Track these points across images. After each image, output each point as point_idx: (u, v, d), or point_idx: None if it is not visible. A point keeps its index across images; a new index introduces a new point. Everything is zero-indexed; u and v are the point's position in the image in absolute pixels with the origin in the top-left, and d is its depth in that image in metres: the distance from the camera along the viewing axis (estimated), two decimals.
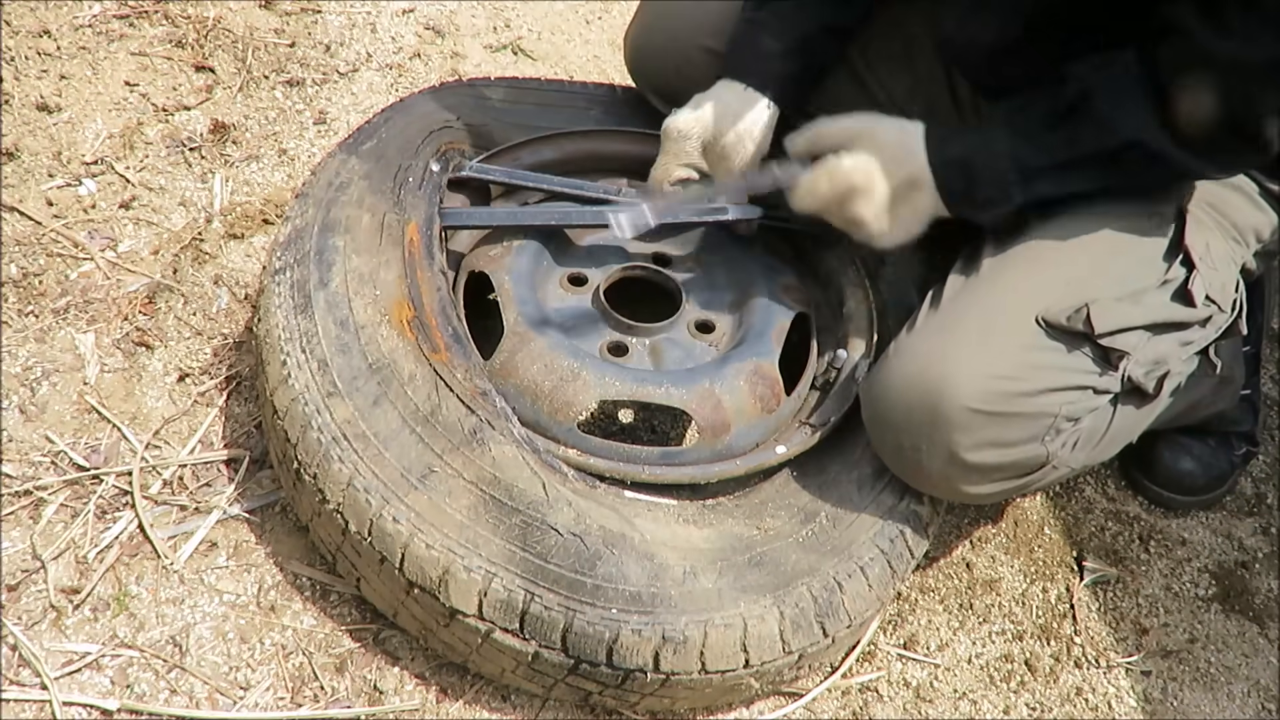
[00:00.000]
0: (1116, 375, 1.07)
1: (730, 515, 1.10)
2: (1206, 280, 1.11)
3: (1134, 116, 1.01)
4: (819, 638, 1.04)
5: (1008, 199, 1.07)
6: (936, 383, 1.03)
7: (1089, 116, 1.03)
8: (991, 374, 1.02)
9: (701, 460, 1.13)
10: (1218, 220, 1.15)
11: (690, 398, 1.13)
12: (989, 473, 1.07)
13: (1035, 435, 1.05)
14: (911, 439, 1.06)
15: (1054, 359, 1.05)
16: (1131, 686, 1.29)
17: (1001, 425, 1.03)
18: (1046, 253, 1.11)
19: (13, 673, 1.02)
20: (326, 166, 1.22)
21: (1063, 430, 1.06)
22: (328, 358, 1.04)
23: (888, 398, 1.07)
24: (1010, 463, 1.07)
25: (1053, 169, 1.06)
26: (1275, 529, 1.50)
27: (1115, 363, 1.06)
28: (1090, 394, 1.07)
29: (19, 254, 1.34)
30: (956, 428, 1.02)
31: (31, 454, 1.17)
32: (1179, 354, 1.11)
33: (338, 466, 0.99)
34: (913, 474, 1.10)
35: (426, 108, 1.32)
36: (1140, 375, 1.07)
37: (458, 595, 0.96)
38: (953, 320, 1.08)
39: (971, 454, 1.04)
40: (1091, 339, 1.05)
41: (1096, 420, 1.10)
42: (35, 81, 1.54)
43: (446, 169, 1.23)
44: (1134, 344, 1.07)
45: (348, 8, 1.80)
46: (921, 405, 1.04)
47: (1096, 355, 1.06)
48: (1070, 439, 1.08)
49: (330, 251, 1.12)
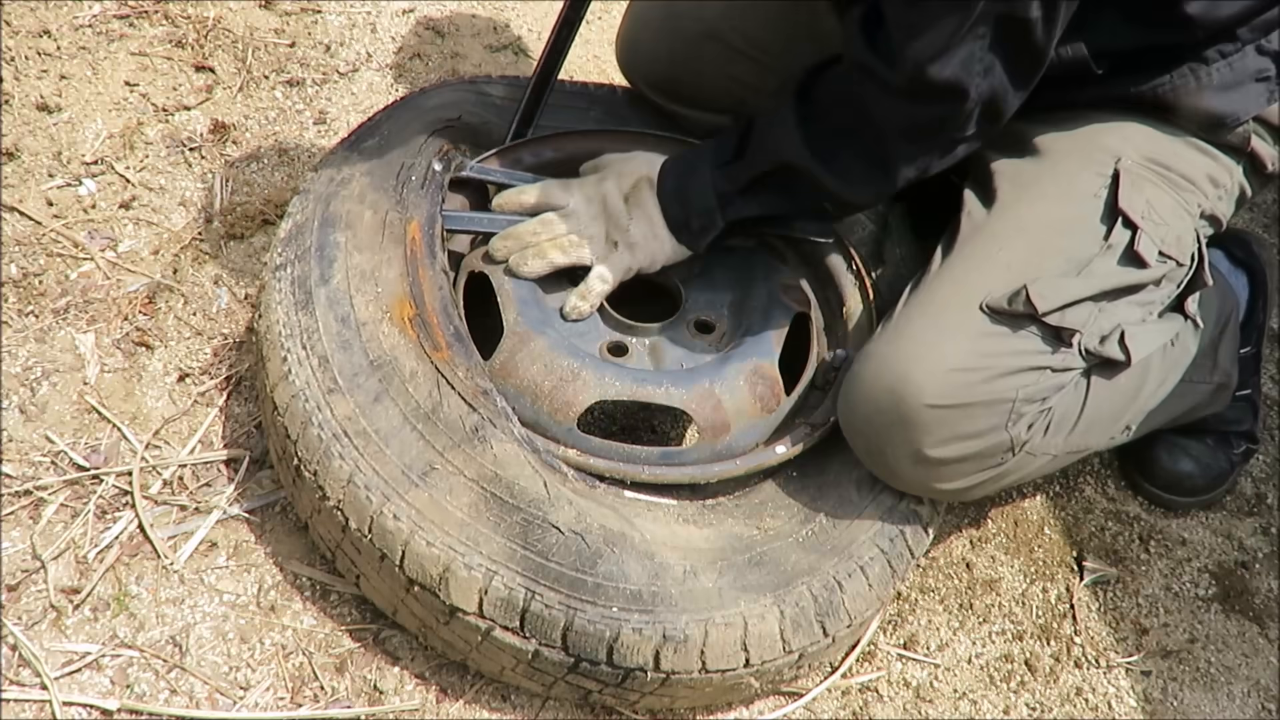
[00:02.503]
0: (1073, 351, 1.08)
1: (730, 515, 1.10)
2: (1156, 237, 1.12)
3: (782, 141, 1.10)
4: (819, 637, 1.04)
5: (714, 224, 1.15)
6: (895, 384, 1.04)
7: (752, 141, 1.13)
8: (945, 368, 1.04)
9: (701, 460, 1.13)
10: (1160, 173, 1.15)
11: (690, 398, 1.13)
12: (958, 465, 1.08)
13: (997, 423, 1.06)
14: (878, 442, 1.08)
15: (1003, 344, 1.06)
16: (1131, 686, 1.29)
17: (961, 417, 1.05)
18: (988, 240, 1.13)
19: (13, 673, 1.02)
20: (328, 163, 1.22)
21: (1025, 414, 1.07)
22: (329, 354, 1.04)
23: (853, 404, 1.09)
24: (976, 453, 1.08)
25: (739, 193, 1.14)
26: (1275, 529, 1.50)
27: (1067, 339, 1.07)
28: (1048, 374, 1.07)
29: (19, 254, 1.34)
30: (918, 426, 1.04)
31: (31, 454, 1.17)
32: (1137, 314, 1.12)
33: (338, 463, 0.99)
34: (887, 475, 1.12)
35: (428, 105, 1.32)
36: (1097, 345, 1.08)
37: (458, 593, 0.96)
38: (905, 321, 1.10)
39: (936, 449, 1.05)
40: (1037, 319, 1.06)
41: (1068, 400, 1.11)
42: (35, 81, 1.54)
43: (449, 168, 1.23)
44: (1084, 318, 1.08)
45: (348, 8, 1.80)
46: (883, 408, 1.05)
47: (1045, 334, 1.07)
48: (1039, 422, 1.09)
49: (331, 247, 1.12)
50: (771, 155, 1.11)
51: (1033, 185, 1.16)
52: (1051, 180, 1.15)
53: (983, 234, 1.14)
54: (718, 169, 1.14)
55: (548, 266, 1.17)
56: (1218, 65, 1.12)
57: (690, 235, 1.17)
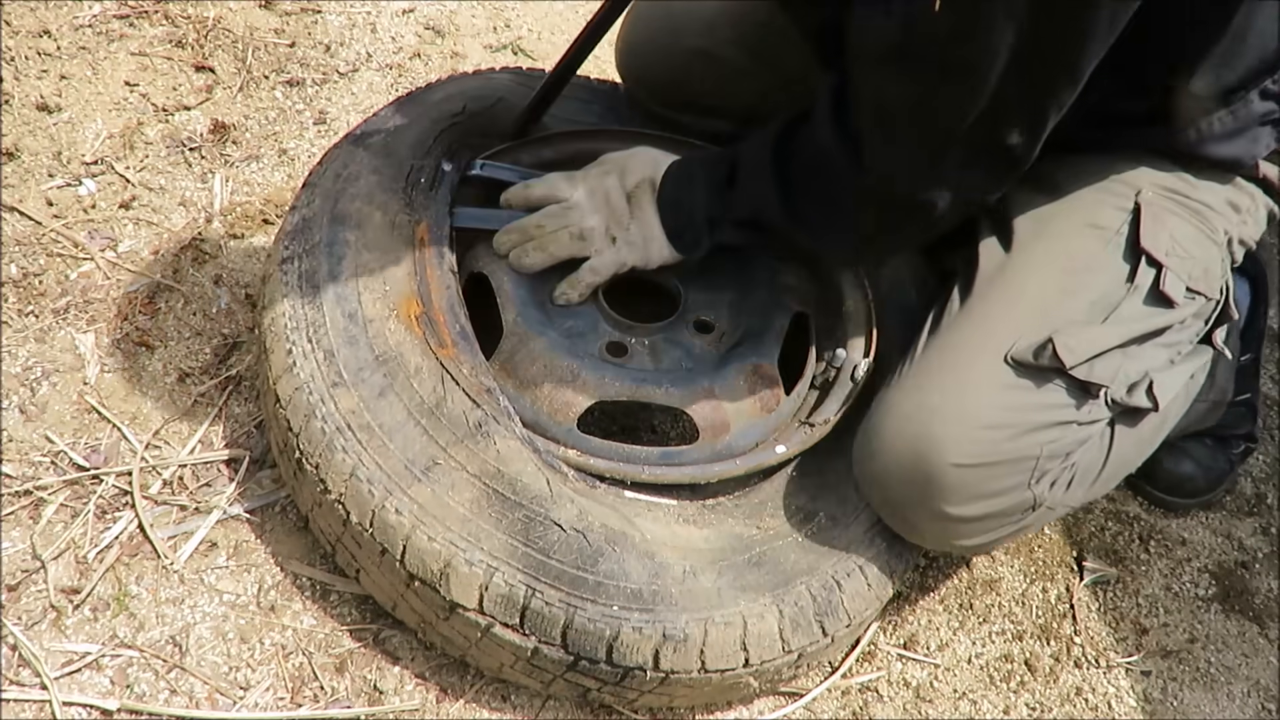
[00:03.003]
0: (1099, 402, 1.04)
1: (730, 515, 1.10)
2: (1182, 273, 1.08)
3: (760, 198, 1.10)
4: (818, 637, 1.04)
5: (703, 242, 1.16)
6: (918, 442, 1.01)
7: (738, 181, 1.12)
8: (972, 426, 1.01)
9: (701, 460, 1.13)
10: (1180, 202, 1.12)
11: (690, 398, 1.13)
12: (978, 523, 1.06)
13: (1020, 481, 1.04)
14: (898, 498, 1.05)
15: (1029, 398, 1.03)
16: (1131, 686, 1.29)
17: (986, 476, 1.02)
18: (1009, 282, 1.10)
19: (13, 673, 1.02)
20: (335, 157, 1.21)
21: (1049, 471, 1.05)
22: (334, 348, 1.04)
23: (873, 457, 1.06)
24: (998, 511, 1.05)
25: (726, 223, 1.14)
26: (1275, 529, 1.50)
27: (1095, 393, 1.04)
28: (1074, 428, 1.04)
29: (19, 254, 1.34)
30: (942, 486, 1.01)
31: (31, 454, 1.17)
32: (1164, 357, 1.08)
33: (341, 457, 0.99)
34: (904, 530, 1.09)
35: (435, 99, 1.31)
36: (1124, 395, 1.05)
37: (458, 589, 0.96)
38: (926, 372, 1.07)
39: (958, 508, 1.03)
40: (1064, 372, 1.02)
41: (1091, 454, 1.08)
42: (35, 81, 1.54)
43: (458, 168, 1.23)
44: (1112, 371, 1.04)
45: (348, 8, 1.80)
46: (906, 465, 1.02)
47: (1072, 388, 1.03)
48: (1062, 478, 1.07)
49: (341, 245, 1.12)
50: (750, 208, 1.12)
51: (1051, 221, 1.12)
52: (1070, 216, 1.12)
53: (1004, 275, 1.11)
54: (712, 191, 1.14)
55: (548, 259, 1.17)
56: (1219, 115, 1.09)
57: (684, 244, 1.17)
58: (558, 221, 1.16)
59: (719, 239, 1.16)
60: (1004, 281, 1.10)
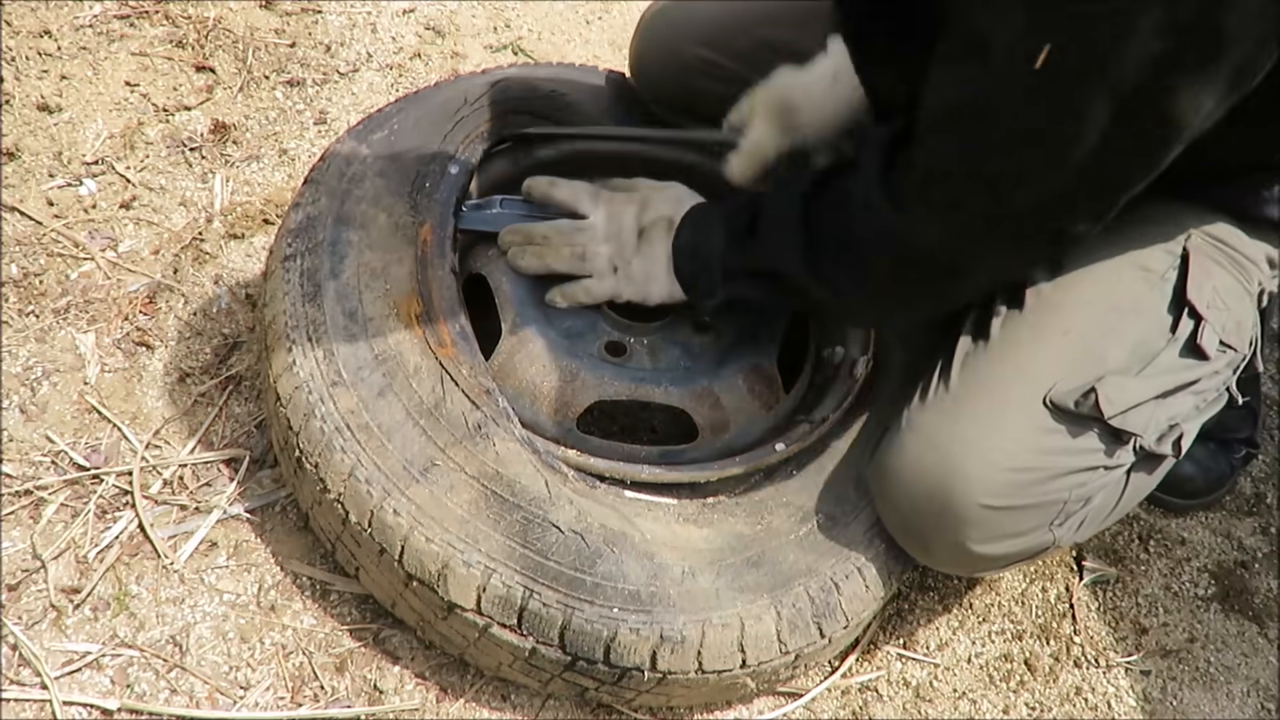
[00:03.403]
0: (1128, 448, 1.04)
1: (730, 514, 1.10)
2: (1218, 325, 1.07)
3: (783, 253, 1.05)
4: (816, 638, 1.04)
5: (716, 293, 1.11)
6: (947, 476, 1.00)
7: (759, 231, 1.07)
8: (1003, 466, 0.99)
9: (701, 459, 1.13)
10: (1225, 251, 1.10)
11: (689, 396, 1.14)
12: (995, 559, 1.06)
13: (1044, 523, 1.04)
14: (918, 526, 1.05)
15: (1064, 443, 1.02)
16: (1131, 686, 1.29)
17: (1012, 518, 1.01)
18: (1053, 320, 1.06)
19: (13, 672, 1.02)
20: (338, 153, 1.21)
21: (1072, 514, 1.05)
22: (334, 347, 1.04)
23: (898, 483, 1.05)
24: (1017, 551, 1.06)
25: (744, 275, 1.10)
26: (1275, 529, 1.50)
27: (1126, 440, 1.03)
28: (1100, 473, 1.04)
29: (19, 254, 1.34)
30: (968, 523, 1.01)
31: (32, 454, 1.17)
32: (1190, 404, 1.08)
33: (339, 456, 1.00)
34: (918, 553, 1.09)
35: (441, 99, 1.31)
36: (1153, 444, 1.04)
37: (456, 590, 0.96)
38: (962, 402, 1.05)
39: (980, 546, 1.03)
40: (1100, 420, 1.01)
41: (1108, 496, 1.08)
42: (36, 81, 1.54)
43: (464, 170, 1.22)
44: (1145, 421, 1.03)
45: (348, 8, 1.80)
46: (931, 496, 1.01)
47: (1106, 436, 1.02)
48: (1078, 520, 1.07)
49: (344, 244, 1.12)
50: (771, 260, 1.07)
51: (1100, 257, 1.09)
52: (1119, 255, 1.09)
53: (1049, 307, 1.07)
54: (732, 239, 1.10)
55: (543, 269, 1.16)
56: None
57: (695, 293, 1.14)
58: (565, 239, 1.15)
59: (734, 293, 1.11)
60: (1049, 314, 1.07)
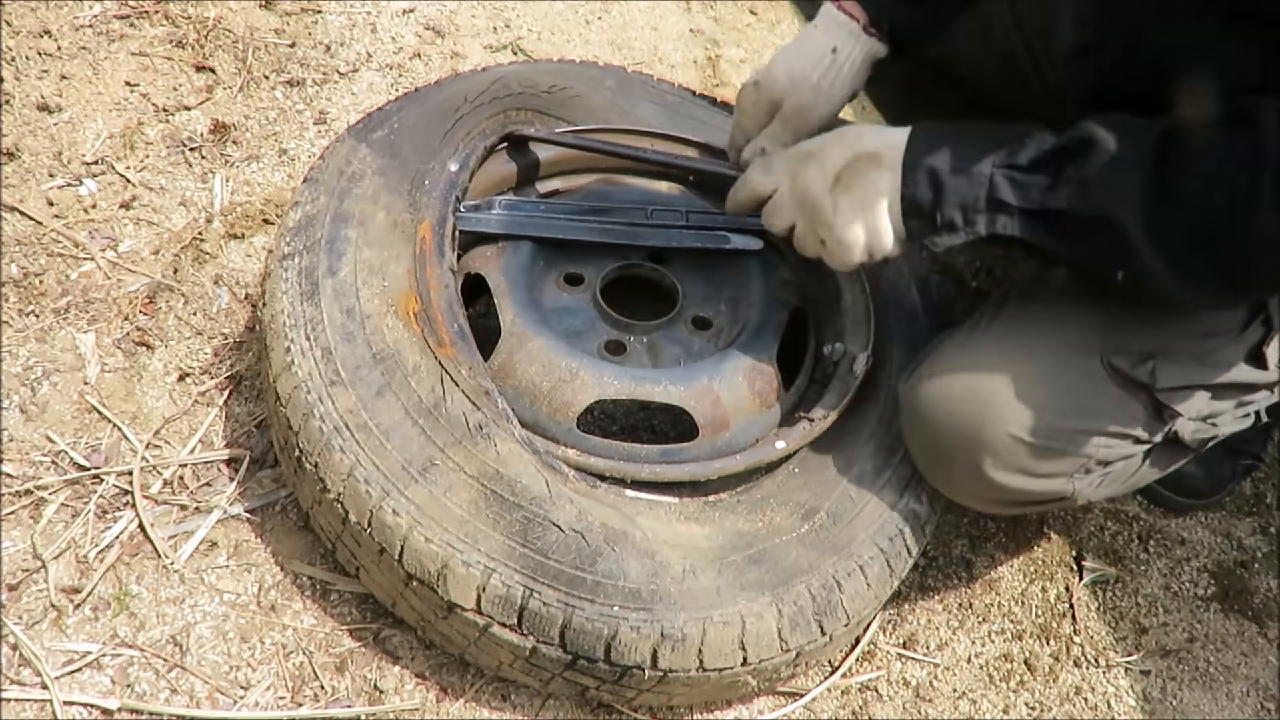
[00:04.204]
0: (1163, 430, 1.04)
1: (731, 512, 1.10)
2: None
3: (1119, 193, 0.89)
4: (817, 636, 1.04)
5: (967, 228, 0.95)
6: (985, 404, 1.00)
7: (1076, 173, 0.92)
8: (1044, 405, 0.99)
9: (701, 457, 1.13)
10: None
11: (689, 395, 1.14)
12: (1013, 493, 1.06)
13: (1066, 471, 1.04)
14: (945, 447, 1.05)
15: (1109, 404, 1.01)
16: (1131, 686, 1.29)
17: (1036, 456, 1.02)
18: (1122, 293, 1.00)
19: (13, 672, 1.02)
20: (337, 152, 1.21)
21: (1093, 471, 1.05)
22: (332, 346, 1.04)
23: (933, 397, 1.04)
24: (1035, 491, 1.06)
25: (1022, 213, 0.94)
26: (1275, 529, 1.50)
27: (1167, 420, 1.03)
28: (1131, 443, 1.04)
29: (20, 254, 1.34)
30: (992, 449, 1.01)
31: (32, 454, 1.17)
32: (1233, 414, 1.07)
33: (339, 456, 1.00)
34: (935, 476, 1.10)
35: (441, 97, 1.31)
36: (1188, 434, 1.04)
37: (456, 589, 0.96)
38: (1016, 338, 1.03)
39: (1000, 475, 1.03)
40: (1150, 391, 1.01)
41: (1128, 465, 1.08)
42: (36, 81, 1.54)
43: (464, 168, 1.22)
44: (1190, 406, 1.03)
45: (348, 8, 1.80)
46: (965, 420, 1.01)
47: (1150, 408, 1.02)
48: (1097, 479, 1.07)
49: (342, 242, 1.12)
50: (1099, 205, 0.89)
51: None
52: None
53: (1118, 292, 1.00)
54: (1007, 170, 0.93)
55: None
56: None
57: (929, 227, 0.96)
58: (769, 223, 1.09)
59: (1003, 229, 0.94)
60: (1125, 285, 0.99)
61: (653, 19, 1.99)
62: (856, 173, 0.99)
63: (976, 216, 0.94)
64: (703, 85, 1.92)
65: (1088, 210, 0.90)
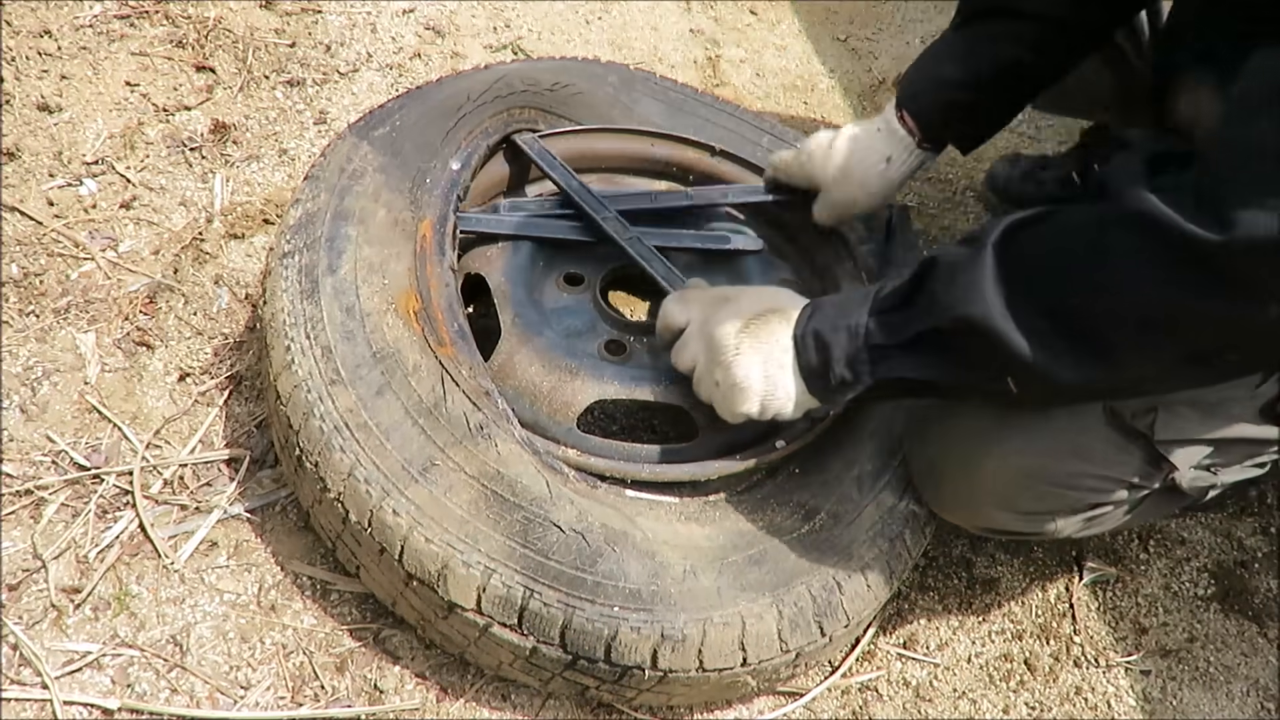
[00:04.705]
0: (1160, 477, 1.03)
1: (732, 512, 1.10)
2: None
3: (968, 294, 0.88)
4: (816, 637, 1.04)
5: (858, 380, 0.97)
6: (988, 438, 1.01)
7: (928, 289, 0.93)
8: (1044, 449, 1.00)
9: (701, 457, 1.13)
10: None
11: (689, 395, 1.13)
12: (998, 529, 1.09)
13: (1051, 511, 1.05)
14: (944, 476, 1.07)
15: (1105, 451, 1.01)
16: (1131, 686, 1.29)
17: (1030, 497, 1.03)
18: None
19: (14, 672, 1.02)
20: (339, 150, 1.21)
21: (1078, 511, 1.06)
22: (332, 345, 1.04)
23: (935, 430, 1.07)
24: (1020, 531, 1.08)
25: (898, 348, 0.94)
26: (1275, 529, 1.50)
27: (1163, 469, 1.02)
28: (1124, 490, 1.04)
29: (20, 254, 1.34)
30: (988, 487, 1.03)
31: (32, 454, 1.17)
32: (1239, 471, 1.06)
33: (339, 456, 0.99)
34: (930, 496, 1.12)
35: (442, 95, 1.31)
36: (1186, 482, 1.03)
37: (456, 590, 0.96)
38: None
39: (992, 510, 1.05)
40: (1149, 440, 1.00)
41: (1116, 510, 1.08)
42: (36, 81, 1.54)
43: (466, 166, 1.22)
44: (1189, 459, 1.02)
45: (348, 8, 1.80)
46: (965, 453, 1.03)
47: (1147, 458, 1.01)
48: (1081, 521, 1.08)
49: (342, 240, 1.11)
50: (950, 309, 0.89)
51: None
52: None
53: None
54: (877, 315, 0.95)
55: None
56: None
57: (825, 388, 0.99)
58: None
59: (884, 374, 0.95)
60: None
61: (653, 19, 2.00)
62: (764, 323, 1.01)
63: (861, 367, 0.96)
64: (703, 85, 1.93)
65: (947, 318, 0.90)
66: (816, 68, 2.03)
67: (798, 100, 1.94)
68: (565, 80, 1.39)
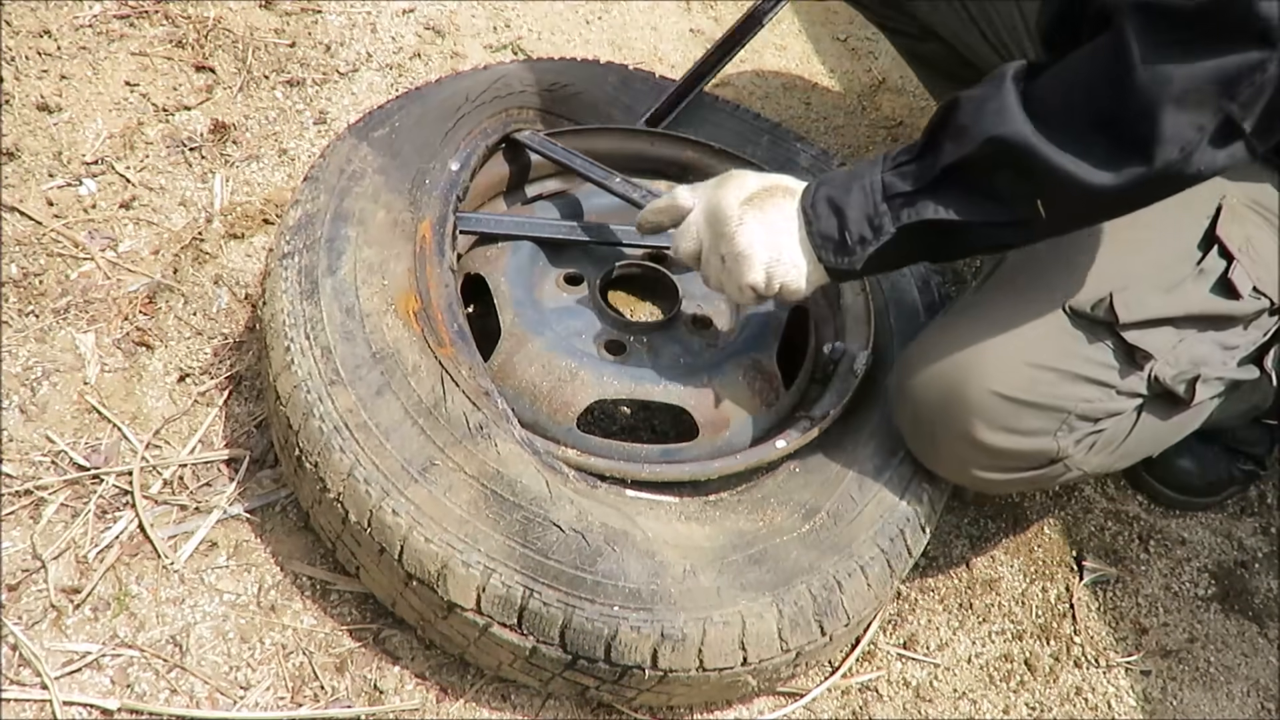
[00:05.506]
0: (1142, 376, 1.05)
1: (732, 511, 1.10)
2: (1252, 273, 1.05)
3: (998, 115, 0.89)
4: (817, 636, 1.04)
5: (879, 233, 0.96)
6: (963, 366, 1.04)
7: (952, 127, 0.93)
8: (1019, 359, 1.03)
9: (702, 457, 1.13)
10: (1264, 215, 1.09)
11: (689, 394, 1.14)
12: (1000, 457, 1.07)
13: (1048, 428, 1.05)
14: (931, 416, 1.07)
15: (1077, 349, 1.04)
16: (1131, 686, 1.29)
17: (1020, 411, 1.04)
18: (1078, 242, 1.07)
19: (13, 672, 1.02)
20: (338, 150, 1.21)
21: (1076, 429, 1.06)
22: (332, 345, 1.04)
23: (916, 374, 1.08)
24: (1021, 450, 1.06)
25: (922, 191, 0.94)
26: (1275, 529, 1.50)
27: (1140, 363, 1.04)
28: (1113, 394, 1.05)
29: (19, 254, 1.34)
30: (977, 411, 1.03)
31: (32, 454, 1.17)
32: (1219, 357, 1.07)
33: (338, 456, 0.99)
34: (925, 451, 1.12)
35: (443, 95, 1.31)
36: (1169, 377, 1.05)
37: (456, 590, 0.96)
38: (984, 305, 1.09)
39: (985, 435, 1.05)
40: (1114, 330, 1.03)
41: (1118, 425, 1.09)
42: (35, 81, 1.54)
43: (465, 167, 1.22)
44: (1162, 344, 1.04)
45: (348, 8, 1.80)
46: (947, 385, 1.05)
47: (1120, 351, 1.04)
48: (1086, 440, 1.08)
49: (342, 240, 1.12)
50: (980, 133, 0.89)
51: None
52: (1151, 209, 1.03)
53: (1075, 241, 1.06)
54: (893, 170, 0.96)
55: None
56: None
57: (841, 249, 0.99)
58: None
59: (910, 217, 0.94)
60: (1073, 244, 1.07)
61: (653, 19, 1.99)
62: (769, 195, 1.02)
63: (882, 218, 0.96)
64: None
65: (977, 143, 0.90)
66: (816, 68, 2.02)
67: (798, 100, 1.94)
68: (565, 80, 1.39)
